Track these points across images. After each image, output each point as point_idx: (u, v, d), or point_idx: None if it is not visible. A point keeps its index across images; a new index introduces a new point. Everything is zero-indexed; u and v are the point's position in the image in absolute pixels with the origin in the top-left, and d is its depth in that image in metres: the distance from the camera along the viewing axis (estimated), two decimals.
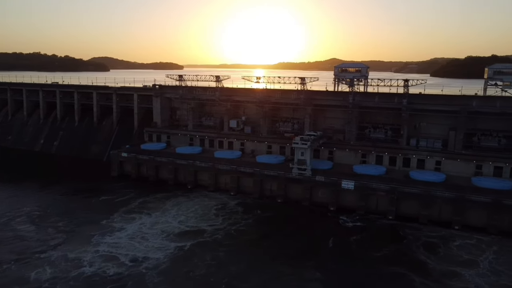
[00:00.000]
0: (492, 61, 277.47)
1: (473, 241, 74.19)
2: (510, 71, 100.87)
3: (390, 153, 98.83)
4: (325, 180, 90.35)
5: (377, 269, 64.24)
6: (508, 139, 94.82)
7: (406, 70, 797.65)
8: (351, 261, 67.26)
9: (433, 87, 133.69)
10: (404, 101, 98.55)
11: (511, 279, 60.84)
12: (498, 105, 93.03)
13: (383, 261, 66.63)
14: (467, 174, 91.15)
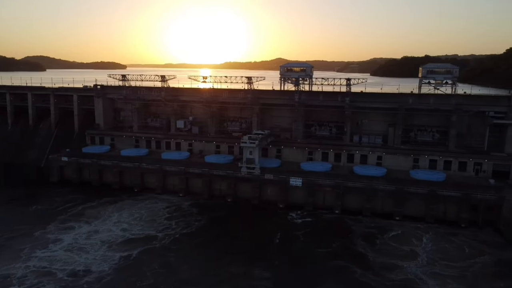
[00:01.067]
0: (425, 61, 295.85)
1: (412, 230, 78.48)
2: (441, 70, 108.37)
3: (335, 149, 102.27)
4: (274, 178, 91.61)
5: (324, 264, 65.71)
6: (441, 134, 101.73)
7: (348, 69, 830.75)
8: (299, 258, 68.22)
9: (373, 86, 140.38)
10: (347, 99, 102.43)
11: (446, 267, 64.33)
12: (432, 102, 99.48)
13: (329, 256, 68.41)
14: (405, 168, 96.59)
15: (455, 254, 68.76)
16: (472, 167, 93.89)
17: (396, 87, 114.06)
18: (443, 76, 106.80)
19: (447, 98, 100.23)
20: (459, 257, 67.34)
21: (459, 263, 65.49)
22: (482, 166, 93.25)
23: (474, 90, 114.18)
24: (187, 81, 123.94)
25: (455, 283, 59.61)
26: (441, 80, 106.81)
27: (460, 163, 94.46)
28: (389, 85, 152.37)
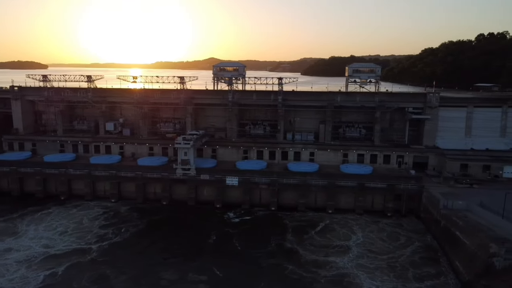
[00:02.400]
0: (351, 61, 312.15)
1: (343, 222, 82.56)
2: (366, 70, 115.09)
3: (270, 147, 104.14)
4: (210, 178, 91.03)
5: (258, 263, 65.78)
6: (367, 129, 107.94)
7: (279, 69, 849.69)
8: (234, 258, 68.04)
9: (304, 85, 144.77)
10: (280, 98, 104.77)
11: (376, 258, 67.92)
12: (358, 100, 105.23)
13: (265, 254, 68.81)
14: (336, 163, 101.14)
15: (383, 243, 72.97)
16: (395, 160, 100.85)
17: (325, 86, 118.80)
18: (367, 75, 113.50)
19: (371, 95, 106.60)
20: (386, 246, 71.49)
21: (387, 252, 69.35)
22: (404, 158, 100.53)
23: (395, 88, 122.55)
24: (116, 82, 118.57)
25: (384, 273, 62.66)
26: (366, 78, 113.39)
27: (385, 156, 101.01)
28: (319, 84, 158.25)
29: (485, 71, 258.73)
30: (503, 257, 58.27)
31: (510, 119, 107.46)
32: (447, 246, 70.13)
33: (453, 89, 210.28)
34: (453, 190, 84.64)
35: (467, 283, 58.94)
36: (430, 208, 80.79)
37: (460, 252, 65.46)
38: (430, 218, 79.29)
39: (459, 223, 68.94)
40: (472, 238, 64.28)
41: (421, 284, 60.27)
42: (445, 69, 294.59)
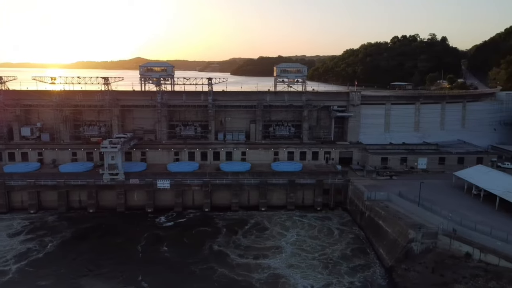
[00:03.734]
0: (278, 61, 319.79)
1: (276, 220, 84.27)
2: (293, 70, 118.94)
3: (201, 148, 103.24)
4: (140, 182, 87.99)
5: (189, 269, 63.65)
6: (296, 128, 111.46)
7: (209, 69, 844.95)
8: (164, 265, 65.47)
9: (234, 85, 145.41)
10: (210, 98, 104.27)
11: (308, 253, 69.33)
12: (286, 99, 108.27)
13: (195, 258, 66.97)
14: (267, 161, 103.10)
15: (314, 239, 74.69)
16: (323, 156, 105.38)
17: (254, 86, 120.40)
18: (295, 75, 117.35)
19: (299, 95, 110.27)
20: (318, 243, 72.89)
21: (319, 248, 70.90)
22: (331, 154, 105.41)
23: (320, 87, 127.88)
24: (32, 83, 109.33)
25: (318, 271, 63.39)
26: (293, 78, 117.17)
27: (313, 153, 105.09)
28: (248, 83, 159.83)
29: (400, 70, 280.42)
30: (420, 242, 63.70)
31: (422, 115, 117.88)
32: (371, 235, 74.89)
33: (372, 87, 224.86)
34: (375, 182, 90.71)
35: (390, 268, 63.40)
36: (355, 200, 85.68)
37: (383, 239, 70.27)
38: (356, 210, 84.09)
39: (381, 213, 74.02)
40: (393, 226, 69.37)
41: (353, 278, 62.01)
42: (365, 69, 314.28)
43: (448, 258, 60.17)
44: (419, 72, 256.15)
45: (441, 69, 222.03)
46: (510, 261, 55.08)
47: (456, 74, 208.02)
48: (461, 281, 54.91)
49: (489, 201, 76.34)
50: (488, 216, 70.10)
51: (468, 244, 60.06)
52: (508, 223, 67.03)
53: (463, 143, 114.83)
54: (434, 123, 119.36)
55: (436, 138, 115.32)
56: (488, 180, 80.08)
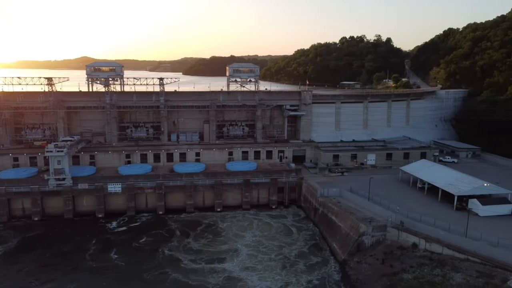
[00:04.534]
0: (231, 61, 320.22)
1: (231, 220, 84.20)
2: (245, 70, 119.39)
3: (154, 150, 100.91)
4: (89, 187, 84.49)
5: (140, 276, 61.65)
6: (250, 127, 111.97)
7: (160, 69, 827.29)
8: (114, 273, 63.01)
9: (186, 85, 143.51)
10: (162, 98, 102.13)
11: (265, 255, 69.12)
12: (240, 99, 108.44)
13: (147, 264, 65.09)
14: (222, 161, 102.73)
15: (270, 238, 74.65)
16: (277, 155, 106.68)
17: (207, 86, 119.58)
18: (247, 74, 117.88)
19: (252, 94, 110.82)
20: (275, 243, 72.48)
21: (276, 248, 70.69)
22: (285, 153, 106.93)
23: (273, 87, 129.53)
24: None
25: (276, 272, 62.85)
26: (246, 78, 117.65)
27: (267, 152, 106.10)
28: (201, 83, 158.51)
29: (348, 70, 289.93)
30: (371, 235, 66.34)
31: (370, 113, 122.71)
32: (325, 230, 76.89)
33: (323, 87, 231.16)
34: (328, 179, 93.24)
35: (343, 262, 65.44)
36: (309, 197, 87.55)
37: (336, 234, 72.39)
38: (310, 206, 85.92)
39: (334, 208, 76.20)
40: (345, 221, 71.66)
41: (311, 275, 62.38)
42: (316, 69, 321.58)
43: (397, 249, 63.18)
44: (366, 71, 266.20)
45: (386, 69, 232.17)
46: (452, 249, 58.74)
47: (400, 73, 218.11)
48: (408, 270, 57.81)
49: (433, 193, 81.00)
50: (432, 208, 74.41)
51: (415, 235, 63.37)
52: (450, 213, 71.54)
53: (408, 139, 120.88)
54: (381, 120, 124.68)
55: (383, 135, 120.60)
56: (431, 174, 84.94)
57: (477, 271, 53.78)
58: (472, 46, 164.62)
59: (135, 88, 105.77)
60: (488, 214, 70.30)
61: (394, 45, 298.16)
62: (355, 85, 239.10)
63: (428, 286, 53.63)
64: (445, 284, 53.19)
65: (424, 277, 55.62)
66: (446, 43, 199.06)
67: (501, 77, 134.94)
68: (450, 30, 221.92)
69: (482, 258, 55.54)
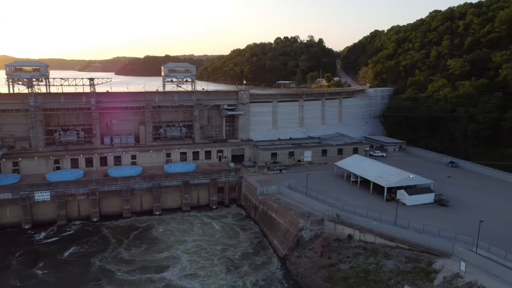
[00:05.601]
0: (166, 61, 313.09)
1: (171, 224, 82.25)
2: (181, 69, 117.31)
3: (86, 154, 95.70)
4: (13, 196, 78.04)
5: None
6: (188, 128, 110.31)
7: (90, 68, 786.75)
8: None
9: (119, 85, 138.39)
10: (93, 100, 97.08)
11: (208, 259, 67.92)
12: (176, 99, 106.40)
13: (80, 279, 60.50)
14: (159, 163, 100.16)
15: (213, 242, 73.08)
16: (216, 155, 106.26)
17: (142, 86, 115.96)
18: (183, 74, 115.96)
19: (188, 94, 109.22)
20: (217, 247, 70.70)
21: (218, 251, 69.37)
22: (223, 153, 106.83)
23: (210, 87, 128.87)
24: None
25: (221, 277, 61.05)
26: (182, 78, 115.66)
27: (206, 152, 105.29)
28: (135, 84, 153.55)
29: (284, 70, 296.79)
30: (309, 229, 68.51)
31: (306, 111, 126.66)
32: (266, 228, 78.07)
33: (260, 86, 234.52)
34: (267, 177, 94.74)
35: (284, 257, 66.91)
36: (249, 196, 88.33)
37: (277, 231, 73.82)
38: (250, 205, 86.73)
39: (273, 205, 77.63)
40: (284, 217, 73.31)
41: (256, 275, 62.07)
42: (252, 68, 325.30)
43: (334, 241, 65.90)
44: (300, 71, 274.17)
45: (319, 68, 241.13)
46: (383, 238, 62.47)
47: (332, 73, 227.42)
48: (345, 260, 60.60)
49: (365, 186, 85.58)
50: (364, 200, 78.60)
51: (350, 227, 66.52)
52: (381, 204, 76.03)
53: (341, 136, 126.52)
54: (316, 118, 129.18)
55: (318, 132, 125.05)
56: (363, 168, 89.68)
57: (406, 257, 57.72)
58: (396, 47, 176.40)
59: (62, 89, 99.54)
60: (414, 203, 75.78)
61: (326, 46, 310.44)
62: (291, 84, 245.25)
63: (363, 274, 56.61)
64: (378, 271, 56.48)
65: (359, 266, 58.63)
66: (373, 44, 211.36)
67: (422, 76, 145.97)
68: (376, 32, 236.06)
69: (410, 244, 59.72)
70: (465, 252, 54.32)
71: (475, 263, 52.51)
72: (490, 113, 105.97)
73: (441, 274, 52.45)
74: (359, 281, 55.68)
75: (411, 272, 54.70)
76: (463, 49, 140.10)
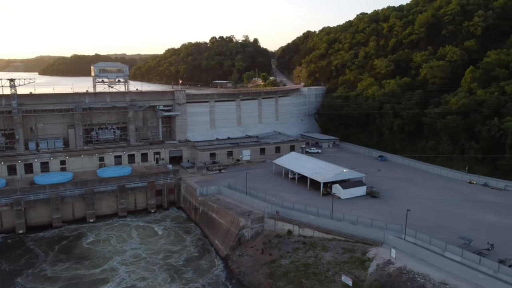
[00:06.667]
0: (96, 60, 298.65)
1: (107, 232, 78.40)
2: (113, 69, 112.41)
3: (8, 161, 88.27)
4: None
5: None
6: (122, 130, 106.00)
7: (10, 68, 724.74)
8: None
9: (44, 86, 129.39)
10: (14, 102, 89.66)
11: (149, 268, 65.49)
12: (109, 101, 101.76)
13: None
14: (92, 168, 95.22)
15: (153, 249, 69.72)
16: (153, 157, 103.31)
17: (70, 87, 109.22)
18: (115, 74, 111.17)
19: (122, 95, 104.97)
20: (159, 256, 67.25)
21: (161, 259, 66.20)
22: (161, 154, 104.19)
23: (144, 87, 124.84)
24: None
25: (163, 286, 58.78)
26: (114, 78, 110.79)
27: (142, 154, 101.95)
28: (62, 84, 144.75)
29: (220, 69, 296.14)
30: (250, 227, 69.17)
31: (243, 111, 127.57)
32: (207, 229, 77.51)
33: (196, 86, 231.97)
34: (206, 178, 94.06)
35: (226, 257, 66.93)
36: (189, 197, 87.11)
37: (218, 231, 73.61)
38: (190, 207, 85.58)
39: (214, 206, 77.32)
40: (225, 217, 73.34)
41: (201, 280, 60.63)
42: (188, 68, 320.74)
43: (274, 238, 67.19)
44: (237, 70, 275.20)
45: (255, 68, 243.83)
46: (321, 231, 64.86)
47: (268, 72, 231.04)
48: (285, 256, 62.05)
49: (302, 182, 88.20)
50: (302, 196, 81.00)
51: (289, 223, 68.19)
52: (318, 199, 78.82)
53: (278, 134, 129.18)
54: (253, 117, 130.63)
55: (256, 131, 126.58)
56: (300, 165, 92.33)
57: (342, 248, 60.44)
58: (327, 48, 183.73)
59: None
60: (348, 196, 79.59)
61: (261, 46, 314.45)
62: (227, 84, 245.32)
63: (303, 268, 58.37)
64: (317, 263, 58.56)
65: (299, 260, 60.35)
66: (306, 45, 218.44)
67: (352, 75, 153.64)
68: (308, 32, 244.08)
69: (346, 236, 62.61)
70: (395, 240, 58.08)
71: (404, 249, 56.35)
72: (413, 110, 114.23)
73: (374, 262, 55.62)
74: (300, 275, 57.31)
75: (347, 262, 57.38)
76: (387, 50, 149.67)
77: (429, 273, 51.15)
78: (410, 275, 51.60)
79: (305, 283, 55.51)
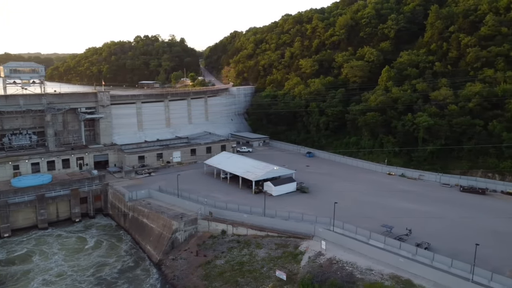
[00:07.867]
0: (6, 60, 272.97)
1: (26, 245, 72.24)
2: (27, 70, 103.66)
3: None
4: None
5: None
6: (39, 135, 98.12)
7: None
8: None
9: None
10: None
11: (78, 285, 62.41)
12: (22, 103, 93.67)
13: None
14: (5, 177, 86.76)
15: (81, 263, 65.11)
16: (76, 163, 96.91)
17: None
18: (30, 75, 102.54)
19: (37, 98, 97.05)
20: (87, 268, 63.33)
21: (90, 274, 61.73)
22: (84, 160, 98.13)
23: (63, 88, 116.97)
24: None
25: None
26: (28, 79, 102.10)
27: (63, 160, 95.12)
28: None
29: (146, 69, 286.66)
30: (183, 230, 67.95)
31: (172, 111, 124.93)
32: (138, 235, 74.68)
33: (121, 87, 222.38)
34: (135, 182, 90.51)
35: (159, 262, 65.06)
36: (117, 203, 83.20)
37: (150, 236, 71.27)
38: (119, 213, 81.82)
39: (144, 210, 74.71)
40: (157, 221, 71.23)
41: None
42: (111, 68, 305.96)
43: (208, 239, 66.73)
44: (164, 70, 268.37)
45: (183, 68, 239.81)
46: (254, 229, 65.72)
47: (196, 72, 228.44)
48: (220, 256, 61.91)
49: (235, 181, 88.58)
50: (235, 195, 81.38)
51: (223, 223, 68.14)
52: (250, 197, 79.75)
53: (208, 134, 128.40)
54: (183, 118, 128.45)
55: (186, 132, 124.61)
56: (231, 164, 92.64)
57: (275, 244, 61.76)
58: (254, 48, 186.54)
59: None
60: (280, 193, 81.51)
61: (188, 45, 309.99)
62: (154, 84, 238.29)
63: (238, 266, 58.66)
64: (252, 261, 59.22)
65: (234, 259, 60.57)
66: (233, 44, 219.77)
67: (279, 75, 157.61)
68: (235, 32, 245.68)
69: (278, 232, 64.09)
70: (324, 232, 60.70)
71: (333, 240, 59.13)
72: (337, 107, 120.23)
73: (306, 255, 57.62)
74: (235, 273, 57.52)
75: (281, 257, 58.75)
76: (312, 50, 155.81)
77: (357, 261, 54.26)
78: (340, 264, 54.27)
79: (240, 281, 55.82)
